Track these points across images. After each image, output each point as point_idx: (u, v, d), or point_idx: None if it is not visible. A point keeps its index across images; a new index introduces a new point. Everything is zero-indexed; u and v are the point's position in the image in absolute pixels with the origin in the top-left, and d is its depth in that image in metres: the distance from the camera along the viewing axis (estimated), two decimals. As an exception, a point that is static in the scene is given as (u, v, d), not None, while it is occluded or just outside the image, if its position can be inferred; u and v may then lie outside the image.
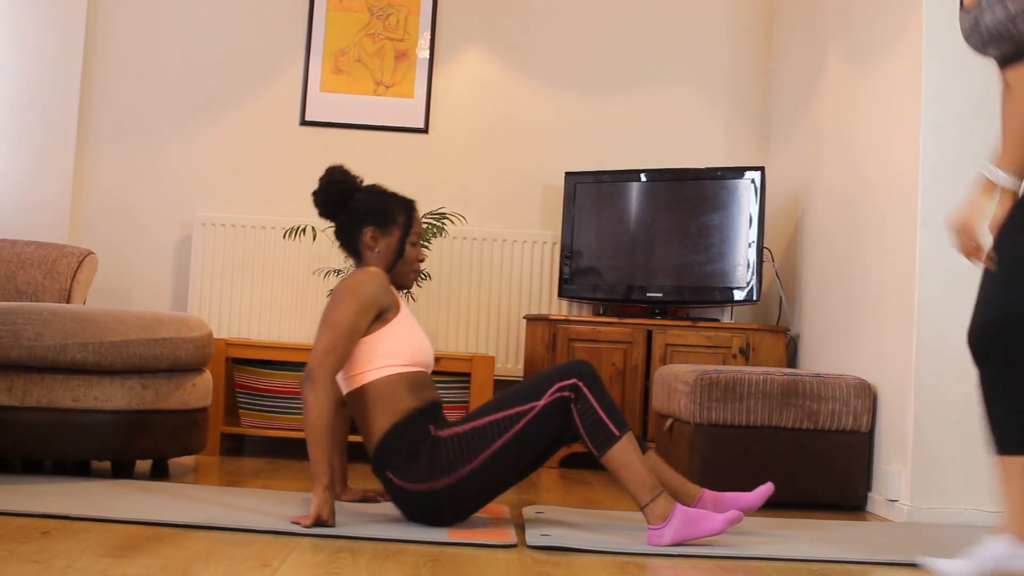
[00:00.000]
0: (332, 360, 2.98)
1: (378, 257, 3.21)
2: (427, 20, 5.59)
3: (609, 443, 2.95)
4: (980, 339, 2.63)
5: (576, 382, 2.99)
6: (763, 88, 5.66)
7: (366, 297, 3.04)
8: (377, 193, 3.29)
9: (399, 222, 3.24)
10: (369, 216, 3.23)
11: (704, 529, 2.91)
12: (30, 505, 2.95)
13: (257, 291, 5.37)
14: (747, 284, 4.93)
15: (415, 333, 3.16)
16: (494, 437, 2.98)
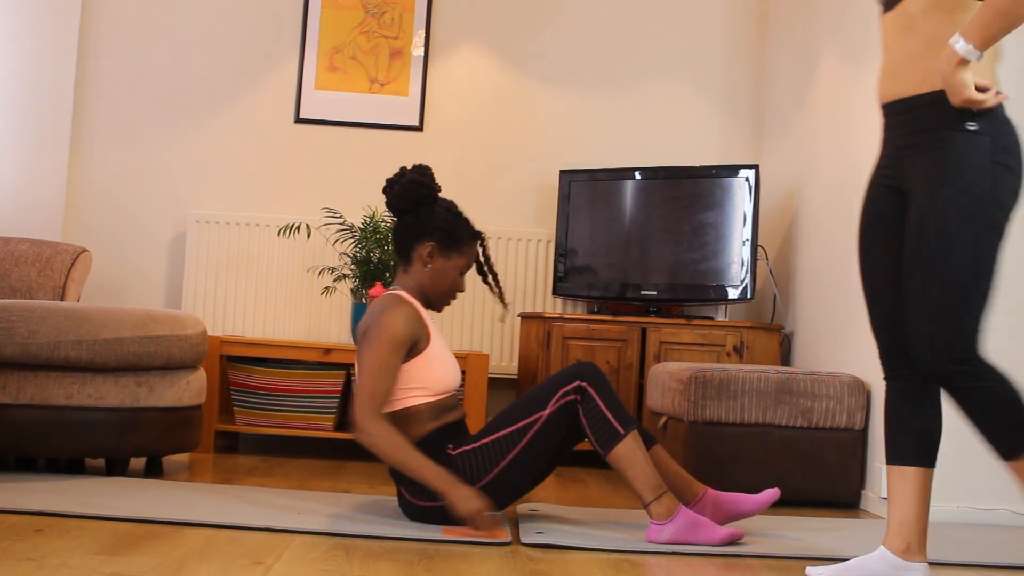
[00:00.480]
0: (377, 402, 2.97)
1: (427, 274, 3.18)
2: (422, 18, 5.59)
3: (614, 441, 2.95)
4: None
5: (580, 384, 2.99)
6: (758, 86, 5.66)
7: (399, 337, 3.02)
8: (455, 212, 3.24)
9: (463, 251, 3.21)
10: (437, 232, 3.18)
11: (703, 537, 2.91)
12: (24, 503, 2.94)
13: (252, 289, 5.37)
14: (741, 282, 4.93)
15: (444, 361, 3.14)
16: (504, 452, 3.00)
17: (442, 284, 3.19)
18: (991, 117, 2.39)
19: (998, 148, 2.38)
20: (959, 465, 3.74)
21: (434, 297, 3.22)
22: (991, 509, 3.73)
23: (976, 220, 2.37)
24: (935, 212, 2.39)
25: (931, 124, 2.41)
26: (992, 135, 2.38)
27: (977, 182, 2.36)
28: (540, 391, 3.04)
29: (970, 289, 2.40)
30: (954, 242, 2.38)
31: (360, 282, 5.02)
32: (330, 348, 4.74)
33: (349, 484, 3.86)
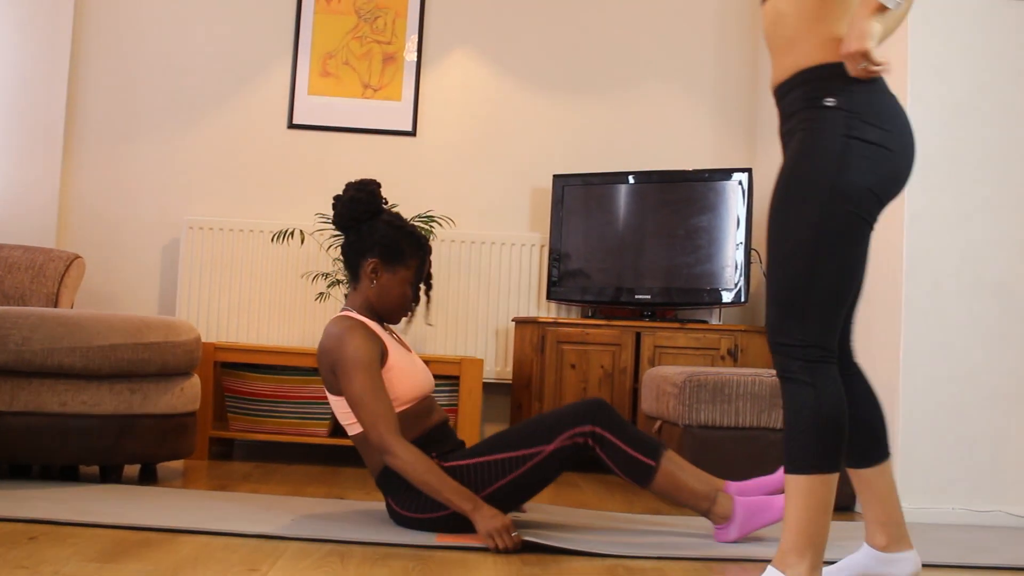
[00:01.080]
0: (390, 421, 2.95)
1: (373, 290, 3.15)
2: (415, 23, 5.60)
3: (649, 476, 2.98)
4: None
5: (594, 429, 2.98)
6: (750, 89, 5.67)
7: (369, 357, 3.00)
8: (396, 226, 3.17)
9: (409, 264, 3.15)
10: (379, 247, 3.14)
11: (766, 518, 2.97)
12: (18, 510, 2.94)
13: (245, 295, 5.37)
14: (735, 286, 4.94)
15: (409, 368, 3.12)
16: (498, 476, 2.98)
17: (389, 299, 3.15)
18: (851, 91, 2.23)
19: (855, 123, 2.21)
20: (953, 466, 3.74)
21: (384, 312, 3.18)
22: (987, 511, 3.73)
23: (814, 201, 2.20)
24: (776, 194, 2.27)
25: (796, 107, 2.29)
26: (849, 109, 2.21)
27: (822, 162, 2.20)
28: (548, 423, 3.02)
29: (805, 275, 2.21)
30: (790, 225, 2.23)
31: (354, 287, 5.02)
32: (324, 354, 4.73)
33: (343, 490, 3.86)
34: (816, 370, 2.23)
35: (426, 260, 3.20)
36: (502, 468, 2.98)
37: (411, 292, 3.18)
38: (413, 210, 5.29)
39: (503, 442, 3.03)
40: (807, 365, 2.23)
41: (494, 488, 2.98)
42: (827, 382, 2.23)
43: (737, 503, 2.98)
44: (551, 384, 4.87)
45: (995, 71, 3.84)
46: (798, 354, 2.23)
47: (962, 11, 3.85)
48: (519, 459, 2.98)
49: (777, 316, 2.26)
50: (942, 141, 3.82)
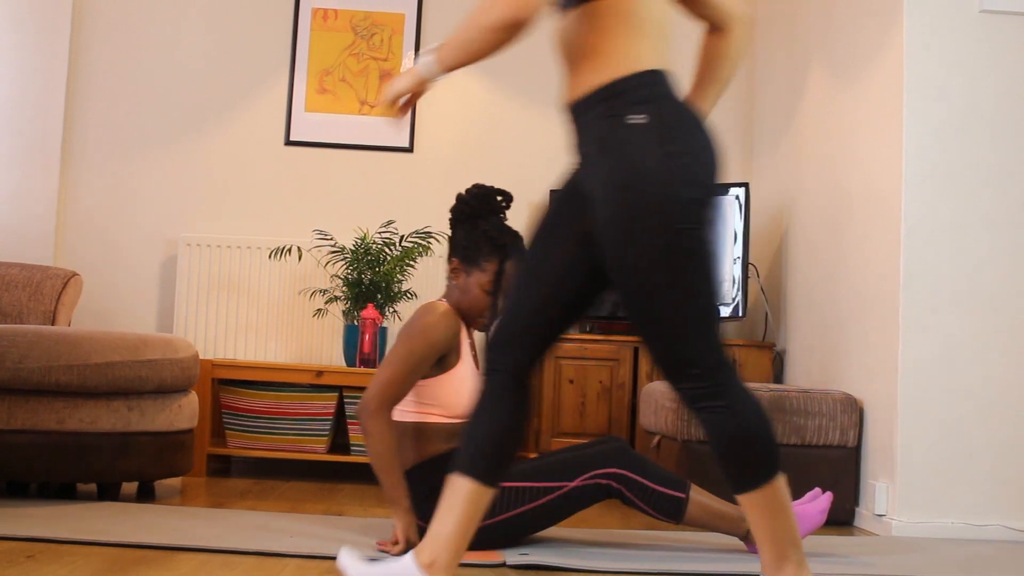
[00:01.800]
0: (391, 392, 2.97)
1: (455, 290, 3.18)
2: (411, 39, 5.61)
3: (681, 509, 3.00)
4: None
5: (619, 471, 2.99)
6: (746, 104, 5.68)
7: (434, 341, 3.01)
8: (482, 230, 3.18)
9: (484, 268, 3.15)
10: (460, 248, 3.17)
11: (804, 530, 2.98)
12: (15, 528, 2.93)
13: (243, 312, 5.37)
14: (732, 300, 4.94)
15: (469, 386, 3.12)
16: (514, 504, 2.99)
17: (467, 300, 3.16)
18: (656, 101, 2.16)
19: (666, 139, 2.11)
20: (952, 480, 3.74)
21: (464, 314, 3.19)
22: (984, 525, 3.73)
23: (656, 230, 2.09)
24: (612, 231, 2.13)
25: (598, 125, 2.18)
26: (659, 124, 2.13)
27: (648, 185, 2.09)
28: (572, 461, 3.03)
29: (678, 306, 2.11)
30: (642, 263, 2.10)
31: (351, 304, 5.02)
32: (322, 370, 4.73)
33: (342, 507, 3.85)
34: (725, 390, 2.15)
35: (505, 266, 3.17)
36: (522, 496, 2.99)
37: (488, 297, 3.17)
38: (410, 226, 5.30)
39: (526, 472, 3.03)
40: (715, 389, 2.15)
41: (511, 514, 2.98)
42: (736, 395, 2.16)
43: None
44: (549, 399, 4.87)
45: (991, 87, 3.85)
46: (704, 381, 2.14)
47: (958, 27, 3.86)
48: (540, 490, 2.99)
49: (669, 355, 2.15)
50: (939, 156, 3.83)
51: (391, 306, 5.09)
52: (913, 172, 3.83)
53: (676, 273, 2.11)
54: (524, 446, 4.89)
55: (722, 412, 2.14)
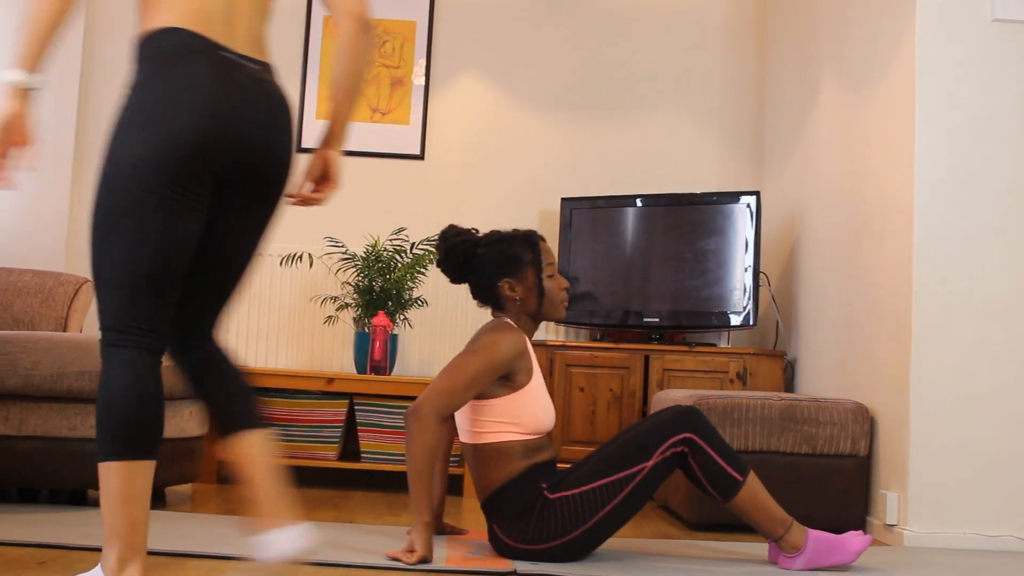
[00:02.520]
0: (443, 402, 2.95)
1: (522, 305, 3.17)
2: (423, 47, 5.62)
3: (734, 490, 2.97)
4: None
5: (690, 436, 2.96)
6: (758, 113, 5.68)
7: (499, 358, 3.00)
8: (497, 241, 3.20)
9: (528, 261, 3.17)
10: (499, 268, 3.16)
11: (837, 558, 2.97)
12: (26, 535, 2.93)
13: (254, 318, 5.37)
14: (744, 309, 4.93)
15: (543, 402, 3.10)
16: (604, 502, 2.96)
17: (537, 303, 3.17)
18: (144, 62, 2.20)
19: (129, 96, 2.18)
20: (963, 490, 3.73)
21: (548, 313, 3.19)
22: (998, 535, 3.71)
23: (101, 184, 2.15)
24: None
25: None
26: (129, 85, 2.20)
27: (108, 143, 2.17)
28: (643, 439, 3.00)
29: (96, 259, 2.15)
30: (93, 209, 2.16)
31: (362, 311, 5.03)
32: (333, 377, 4.74)
33: (352, 514, 3.85)
34: (108, 355, 2.16)
35: (539, 247, 3.20)
36: (608, 492, 2.96)
37: (554, 281, 3.20)
38: (421, 233, 5.30)
39: (601, 467, 3.00)
40: (104, 349, 2.17)
41: (603, 514, 2.95)
42: (114, 367, 2.14)
43: (810, 535, 2.99)
44: (560, 407, 4.86)
45: (1004, 96, 3.84)
46: (104, 339, 2.18)
47: (970, 35, 3.85)
48: (621, 481, 2.96)
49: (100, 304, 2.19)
50: (951, 166, 3.82)
51: (402, 313, 5.09)
52: (925, 181, 3.82)
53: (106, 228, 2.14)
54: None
55: (103, 375, 2.17)
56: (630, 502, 2.97)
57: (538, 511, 2.95)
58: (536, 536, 2.94)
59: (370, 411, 4.83)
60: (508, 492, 2.99)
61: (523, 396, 3.04)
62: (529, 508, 2.96)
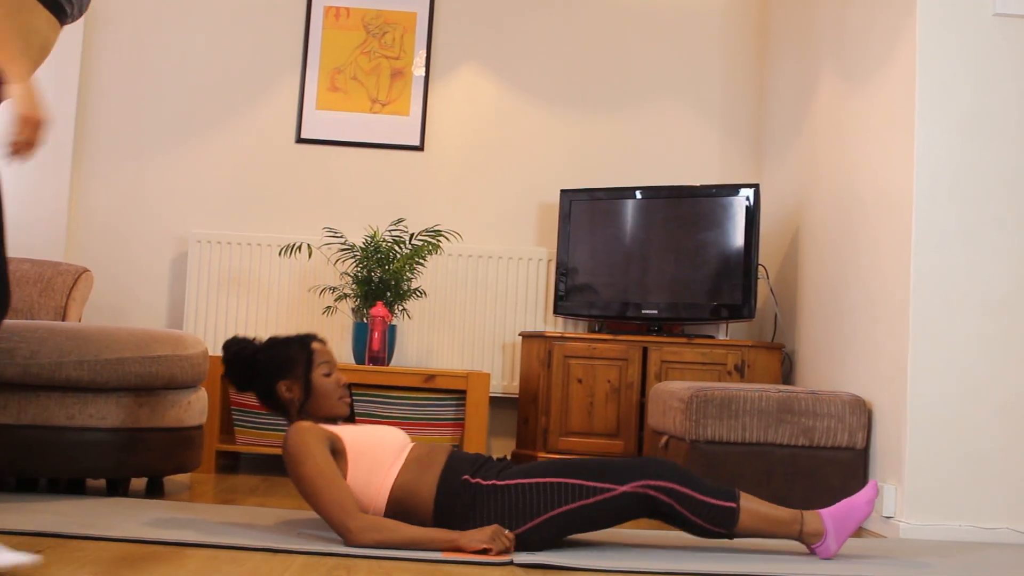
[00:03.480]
0: (347, 507, 2.87)
1: (301, 404, 3.12)
2: (423, 38, 5.61)
3: (733, 518, 2.96)
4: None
5: (672, 486, 2.93)
6: (757, 106, 5.68)
7: (313, 446, 2.93)
8: (271, 346, 3.18)
9: (301, 360, 3.14)
10: (276, 371, 3.13)
11: (856, 518, 3.01)
12: (25, 523, 2.94)
13: (253, 308, 5.38)
14: (742, 301, 4.94)
15: (372, 441, 3.05)
16: (564, 501, 2.92)
17: (319, 400, 3.12)
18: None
19: None
20: (960, 483, 3.73)
21: (326, 411, 3.13)
22: (994, 528, 3.72)
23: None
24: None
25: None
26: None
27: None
28: (621, 466, 2.97)
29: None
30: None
31: (361, 302, 5.03)
32: (331, 368, 4.74)
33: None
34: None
35: (312, 348, 3.15)
36: (570, 493, 2.93)
37: (328, 379, 3.14)
38: (420, 224, 5.30)
39: (570, 469, 2.98)
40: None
41: (556, 512, 2.92)
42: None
43: (824, 516, 3.01)
44: (558, 399, 4.87)
45: (1004, 90, 3.84)
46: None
47: (971, 30, 3.85)
48: (589, 489, 2.93)
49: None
50: (950, 159, 3.82)
51: (400, 304, 5.10)
52: (925, 175, 3.82)
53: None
54: (531, 445, 4.90)
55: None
56: (585, 514, 2.93)
57: (484, 499, 2.95)
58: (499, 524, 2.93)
59: (368, 402, 4.84)
60: (442, 495, 2.97)
61: (354, 456, 2.99)
62: (470, 502, 2.96)
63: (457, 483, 2.98)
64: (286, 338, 3.21)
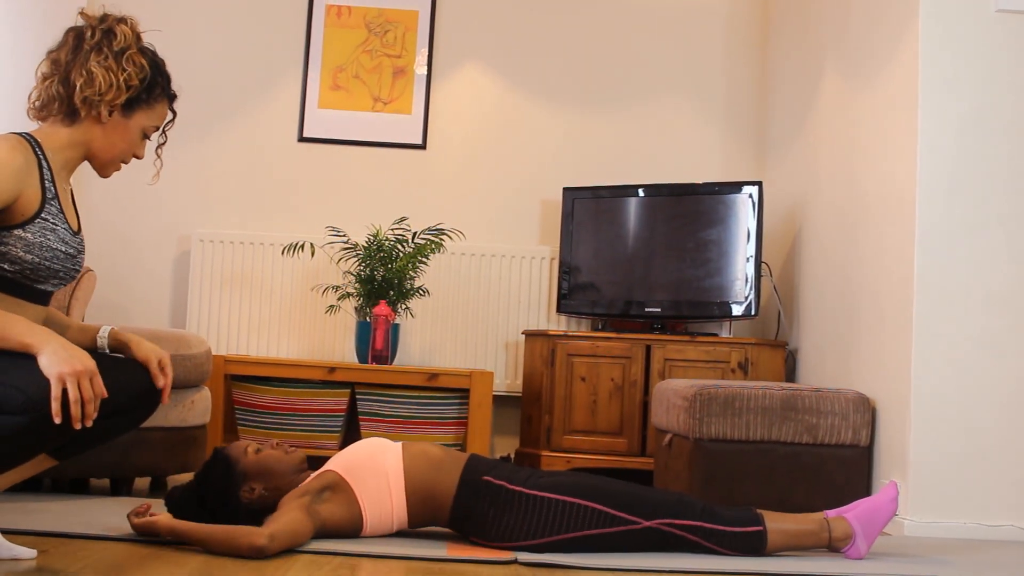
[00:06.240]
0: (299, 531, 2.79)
1: (267, 492, 2.95)
2: (424, 36, 5.61)
3: (762, 542, 2.95)
4: None
5: (696, 523, 2.92)
6: (760, 103, 5.67)
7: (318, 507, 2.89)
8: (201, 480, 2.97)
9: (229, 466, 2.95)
10: (226, 490, 2.92)
11: (883, 517, 3.00)
12: (28, 523, 2.94)
13: (256, 307, 5.38)
14: (745, 299, 4.93)
15: (368, 456, 2.99)
16: (592, 525, 2.91)
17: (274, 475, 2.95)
18: None
19: None
20: (965, 480, 3.73)
21: (287, 476, 2.96)
22: (998, 525, 3.71)
23: None
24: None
25: None
26: None
27: None
28: (650, 498, 2.97)
29: None
30: None
31: (364, 300, 5.03)
32: (334, 367, 4.74)
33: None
34: None
35: (223, 454, 2.99)
36: (595, 519, 2.91)
37: (262, 453, 2.99)
38: (422, 223, 5.30)
39: (598, 492, 2.95)
40: None
41: (578, 535, 2.90)
42: None
43: (851, 519, 2.99)
44: (561, 397, 4.87)
45: (1007, 83, 3.83)
46: None
47: (973, 23, 3.84)
48: (614, 518, 2.91)
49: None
50: (953, 153, 3.81)
51: (403, 303, 5.10)
52: (928, 172, 3.81)
53: None
54: (535, 444, 4.90)
55: None
56: (603, 541, 2.92)
57: (507, 504, 2.92)
58: (524, 531, 2.92)
59: (372, 400, 4.83)
60: (462, 502, 2.94)
61: (362, 477, 2.94)
62: (492, 503, 2.93)
63: (479, 483, 2.97)
64: (204, 467, 3.00)
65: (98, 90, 2.59)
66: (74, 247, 2.62)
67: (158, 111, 2.79)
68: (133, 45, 2.70)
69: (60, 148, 2.65)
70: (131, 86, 2.65)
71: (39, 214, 2.50)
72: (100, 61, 2.61)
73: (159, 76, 2.76)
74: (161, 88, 2.76)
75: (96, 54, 2.63)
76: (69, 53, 2.64)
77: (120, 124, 2.69)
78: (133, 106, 2.69)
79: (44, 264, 2.48)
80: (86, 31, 2.66)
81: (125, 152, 2.75)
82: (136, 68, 2.67)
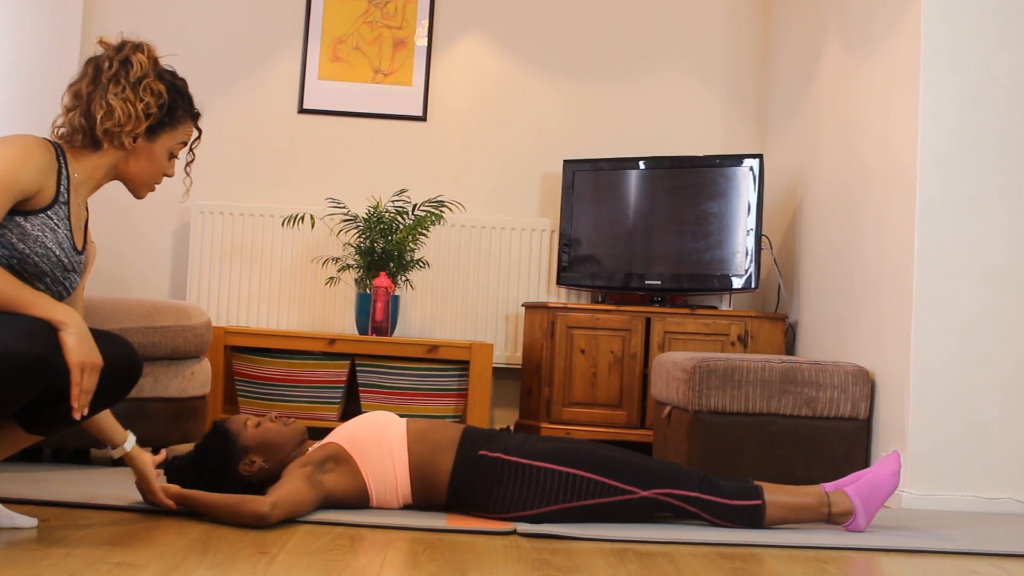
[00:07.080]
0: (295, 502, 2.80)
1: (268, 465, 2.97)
2: (425, 8, 5.58)
3: (760, 515, 2.96)
4: None
5: (695, 494, 2.94)
6: (761, 75, 5.65)
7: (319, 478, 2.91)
8: (201, 453, 2.99)
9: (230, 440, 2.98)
10: (225, 463, 2.95)
11: (884, 492, 3.01)
12: (29, 492, 2.95)
13: (256, 279, 5.38)
14: (745, 272, 4.93)
15: (373, 430, 3.01)
16: (584, 495, 2.92)
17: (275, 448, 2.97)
18: None
19: None
20: (963, 453, 3.74)
21: (288, 448, 2.99)
22: (996, 498, 3.72)
23: None
24: None
25: None
26: None
27: None
28: (647, 468, 2.97)
29: None
30: None
31: (364, 272, 5.03)
32: (334, 338, 4.75)
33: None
34: None
35: (224, 428, 3.00)
36: (593, 489, 2.92)
37: (262, 427, 3.00)
38: (423, 195, 5.29)
39: (595, 461, 2.96)
40: None
41: (575, 504, 2.92)
42: None
43: (851, 493, 3.00)
44: (561, 369, 4.88)
45: (1008, 60, 3.82)
46: None
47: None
48: (612, 488, 2.93)
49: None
50: (955, 130, 3.80)
51: (403, 275, 5.09)
52: (929, 145, 3.80)
53: None
54: (534, 416, 4.91)
55: None
56: (601, 511, 2.93)
57: (504, 474, 2.93)
58: (516, 502, 2.93)
59: (371, 372, 4.84)
60: (459, 478, 2.95)
61: (366, 452, 2.95)
62: (490, 476, 2.94)
63: (475, 458, 2.97)
64: (204, 441, 3.03)
65: (117, 122, 2.60)
66: (70, 261, 2.59)
67: (182, 131, 2.79)
68: (150, 72, 2.71)
69: (84, 167, 2.66)
70: (150, 114, 2.66)
71: (44, 211, 2.50)
72: (118, 93, 2.62)
73: (179, 99, 2.77)
74: (183, 109, 2.77)
75: (114, 85, 2.63)
76: (89, 84, 2.65)
77: (145, 148, 2.71)
78: (156, 131, 2.71)
79: (33, 259, 2.47)
80: (103, 62, 2.67)
81: (155, 174, 2.78)
82: (154, 96, 2.67)
